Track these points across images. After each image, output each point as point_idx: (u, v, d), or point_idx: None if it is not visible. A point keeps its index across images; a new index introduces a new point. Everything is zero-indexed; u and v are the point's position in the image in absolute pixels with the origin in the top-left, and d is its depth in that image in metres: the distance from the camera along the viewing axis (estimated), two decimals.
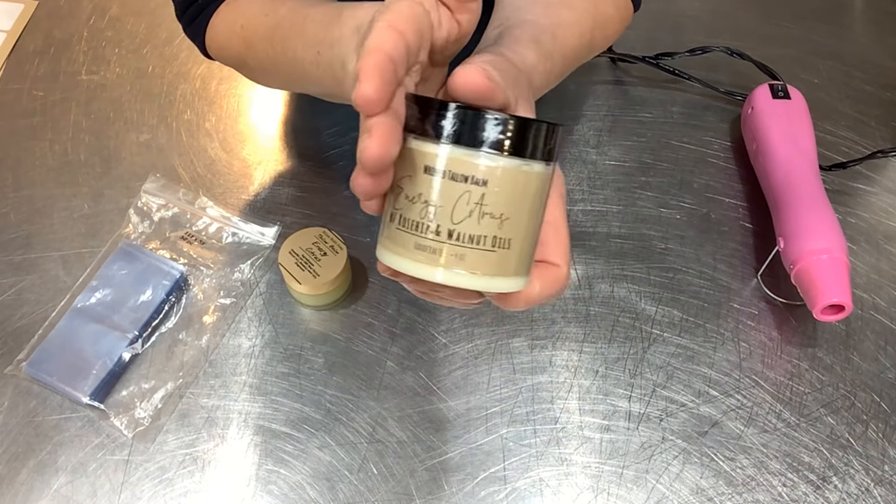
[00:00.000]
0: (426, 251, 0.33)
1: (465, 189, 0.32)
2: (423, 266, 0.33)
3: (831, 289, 0.57)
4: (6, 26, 0.80)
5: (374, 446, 0.57)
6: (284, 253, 0.60)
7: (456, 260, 0.33)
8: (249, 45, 0.55)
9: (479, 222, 0.33)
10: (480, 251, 0.33)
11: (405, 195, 0.33)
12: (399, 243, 0.34)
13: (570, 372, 0.60)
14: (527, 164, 0.33)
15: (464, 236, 0.33)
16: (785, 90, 0.69)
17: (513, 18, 0.48)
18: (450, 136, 0.32)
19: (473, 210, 0.32)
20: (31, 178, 0.69)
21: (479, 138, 0.32)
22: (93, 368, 0.57)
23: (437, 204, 0.32)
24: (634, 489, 0.56)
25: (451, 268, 0.33)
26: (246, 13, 0.55)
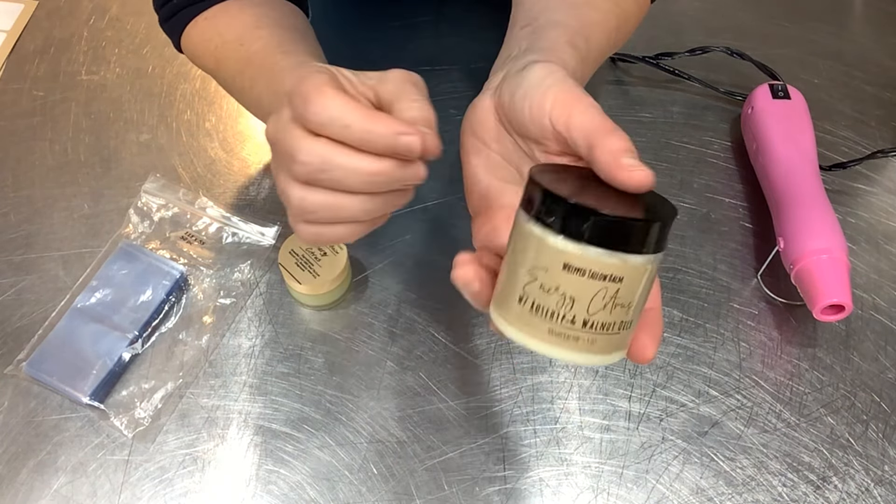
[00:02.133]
0: (561, 336, 0.35)
1: (603, 286, 0.34)
2: (555, 349, 0.36)
3: (831, 289, 0.57)
4: (6, 26, 0.80)
5: (374, 446, 0.57)
6: (284, 253, 0.60)
7: (588, 345, 0.35)
8: (220, 66, 0.56)
9: (611, 313, 0.35)
10: (610, 335, 0.35)
11: (540, 285, 0.35)
12: (531, 325, 0.35)
13: (570, 372, 0.60)
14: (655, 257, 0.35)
15: (597, 325, 0.35)
16: (785, 90, 0.69)
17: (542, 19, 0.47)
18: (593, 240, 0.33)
19: (608, 303, 0.34)
20: (31, 178, 0.69)
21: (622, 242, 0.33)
22: (93, 368, 0.57)
23: (575, 297, 0.34)
24: (634, 489, 0.56)
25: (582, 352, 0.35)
26: (222, 35, 0.55)
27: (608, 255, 0.33)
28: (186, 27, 0.57)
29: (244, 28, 0.54)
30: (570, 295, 0.34)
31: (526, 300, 0.35)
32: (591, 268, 0.34)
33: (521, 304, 0.35)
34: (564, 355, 0.36)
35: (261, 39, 0.52)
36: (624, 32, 0.55)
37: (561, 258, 0.34)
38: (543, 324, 0.35)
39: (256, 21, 0.54)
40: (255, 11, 0.55)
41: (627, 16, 0.55)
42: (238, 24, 0.54)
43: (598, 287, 0.34)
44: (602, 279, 0.34)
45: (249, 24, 0.54)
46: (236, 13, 0.55)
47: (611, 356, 0.36)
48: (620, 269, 0.34)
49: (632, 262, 0.34)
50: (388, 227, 0.67)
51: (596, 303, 0.34)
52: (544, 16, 0.48)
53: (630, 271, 0.34)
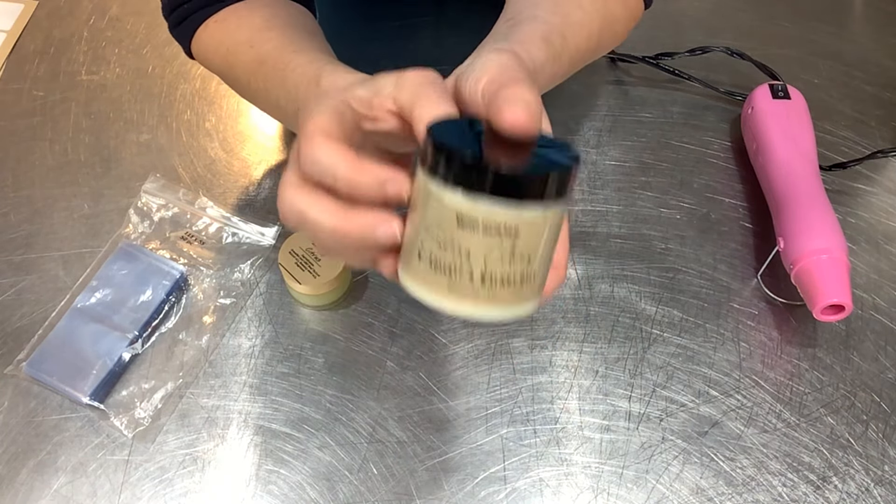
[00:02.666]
0: (457, 291, 0.34)
1: (499, 240, 0.33)
2: (457, 304, 0.35)
3: (831, 289, 0.57)
4: (6, 26, 0.80)
5: (374, 446, 0.57)
6: (284, 253, 0.60)
7: (487, 299, 0.34)
8: (232, 69, 0.56)
9: (510, 265, 0.33)
10: (511, 288, 0.34)
11: (437, 239, 0.34)
12: (432, 282, 0.35)
13: (570, 372, 0.60)
14: (555, 204, 0.33)
15: (496, 280, 0.34)
16: (785, 90, 0.69)
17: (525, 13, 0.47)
18: (485, 192, 0.32)
19: (504, 256, 0.33)
20: (31, 178, 0.69)
21: (515, 193, 0.32)
22: (93, 368, 0.57)
23: (471, 252, 0.33)
24: (634, 489, 0.56)
25: (482, 305, 0.34)
26: (233, 37, 0.55)
27: (502, 207, 0.32)
28: (196, 32, 0.57)
29: (254, 30, 0.54)
30: (466, 250, 0.33)
31: (424, 256, 0.34)
32: (484, 222, 0.32)
33: (419, 261, 0.34)
34: (467, 310, 0.34)
35: (271, 41, 0.52)
36: (609, 35, 0.55)
37: (454, 213, 0.33)
38: (443, 279, 0.34)
39: (266, 22, 0.54)
40: (264, 13, 0.55)
41: (614, 18, 0.55)
42: (248, 26, 0.54)
43: (493, 241, 0.33)
44: (497, 233, 0.32)
45: (259, 25, 0.54)
46: (245, 15, 0.55)
47: (519, 308, 0.35)
48: (515, 221, 0.32)
49: (528, 215, 0.32)
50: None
51: (493, 257, 0.33)
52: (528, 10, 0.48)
53: (527, 224, 0.33)
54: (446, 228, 0.33)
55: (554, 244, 0.35)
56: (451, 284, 0.34)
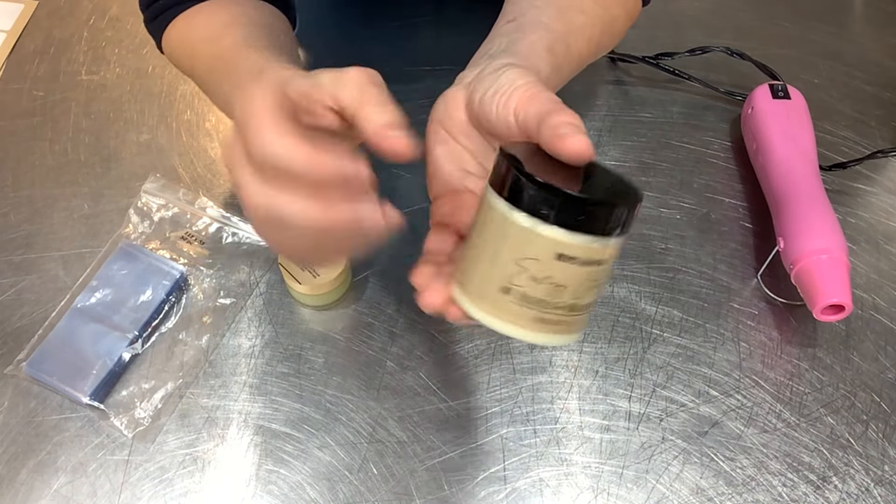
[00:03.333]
0: (547, 322, 0.35)
1: (592, 271, 0.34)
2: (540, 335, 0.36)
3: (831, 289, 0.57)
4: (6, 26, 0.80)
5: (374, 446, 0.57)
6: None
7: (566, 327, 0.36)
8: (195, 66, 0.56)
9: (593, 294, 0.36)
10: (584, 316, 0.36)
11: (529, 276, 0.34)
12: (516, 314, 0.36)
13: (570, 372, 0.60)
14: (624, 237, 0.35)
15: (580, 307, 0.36)
16: (785, 90, 0.69)
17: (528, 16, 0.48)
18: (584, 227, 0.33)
19: (591, 287, 0.35)
20: (31, 178, 0.69)
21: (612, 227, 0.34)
22: (93, 368, 0.57)
23: (567, 285, 0.34)
24: (634, 489, 0.56)
25: (563, 333, 0.36)
26: (197, 34, 0.55)
27: (599, 240, 0.34)
28: (167, 27, 0.57)
29: (217, 26, 0.54)
30: (562, 283, 0.34)
31: (513, 291, 0.35)
32: (581, 255, 0.34)
33: (506, 295, 0.35)
34: (548, 339, 0.36)
35: (230, 36, 0.52)
36: (609, 37, 0.55)
37: (553, 247, 0.34)
38: (530, 312, 0.35)
39: (230, 19, 0.54)
40: (231, 10, 0.55)
41: (614, 20, 0.55)
42: (212, 23, 0.54)
43: (587, 272, 0.34)
44: (591, 264, 0.34)
45: (223, 22, 0.54)
46: (213, 12, 0.55)
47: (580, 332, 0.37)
48: (605, 252, 0.34)
49: (613, 244, 0.34)
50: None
51: (584, 287, 0.35)
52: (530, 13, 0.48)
53: (611, 252, 0.35)
54: (544, 263, 0.34)
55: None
56: (540, 316, 0.35)
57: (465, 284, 0.37)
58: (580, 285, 0.35)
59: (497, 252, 0.35)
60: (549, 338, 0.36)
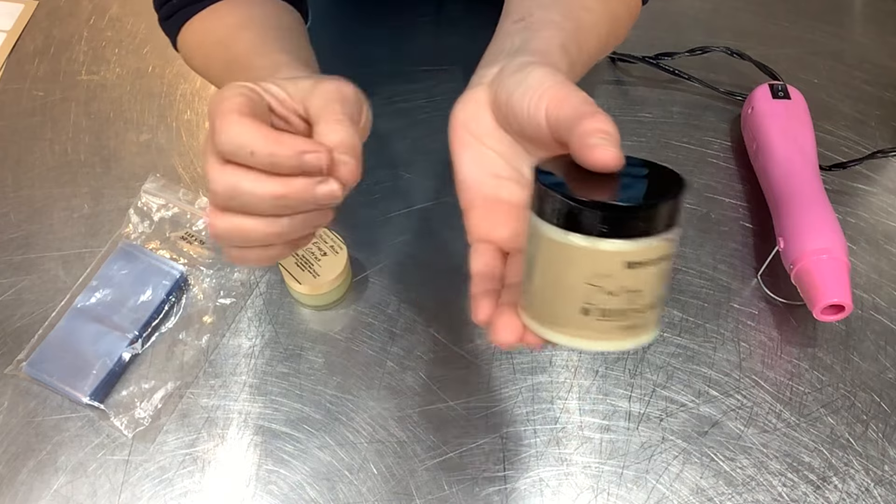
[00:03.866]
0: (634, 328, 0.35)
1: (660, 267, 0.35)
2: (628, 341, 0.36)
3: (831, 289, 0.57)
4: (6, 26, 0.80)
5: (374, 446, 0.57)
6: None
7: (650, 324, 0.36)
8: (209, 68, 0.56)
9: (664, 286, 0.36)
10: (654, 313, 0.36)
11: (606, 291, 0.34)
12: (601, 330, 0.35)
13: (570, 372, 0.60)
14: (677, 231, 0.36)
15: (657, 302, 0.36)
16: (785, 90, 0.69)
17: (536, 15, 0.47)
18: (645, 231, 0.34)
19: (662, 280, 0.35)
20: (31, 178, 0.69)
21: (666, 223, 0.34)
22: (93, 368, 0.57)
23: (643, 289, 0.35)
24: (634, 489, 0.56)
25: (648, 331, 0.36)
26: (210, 36, 0.55)
27: (660, 239, 0.34)
28: (182, 27, 0.57)
29: (229, 29, 0.54)
30: (638, 289, 0.35)
31: (592, 310, 0.35)
32: (650, 256, 0.34)
33: (586, 316, 0.35)
34: (636, 342, 0.36)
35: (243, 41, 0.52)
36: (614, 37, 0.55)
37: (622, 259, 0.34)
38: (613, 324, 0.35)
39: (242, 21, 0.54)
40: (243, 12, 0.55)
41: (617, 19, 0.54)
42: (224, 25, 0.55)
43: (657, 270, 0.35)
44: (658, 262, 0.34)
45: (235, 24, 0.54)
46: (225, 14, 0.55)
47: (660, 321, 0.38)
48: (668, 246, 0.35)
49: (673, 237, 0.34)
50: (388, 227, 0.67)
51: (658, 285, 0.35)
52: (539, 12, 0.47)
53: (673, 244, 0.35)
54: (616, 276, 0.34)
55: None
56: (625, 324, 0.35)
57: (538, 311, 0.37)
58: (653, 284, 0.35)
59: (563, 277, 0.35)
60: (637, 340, 0.36)
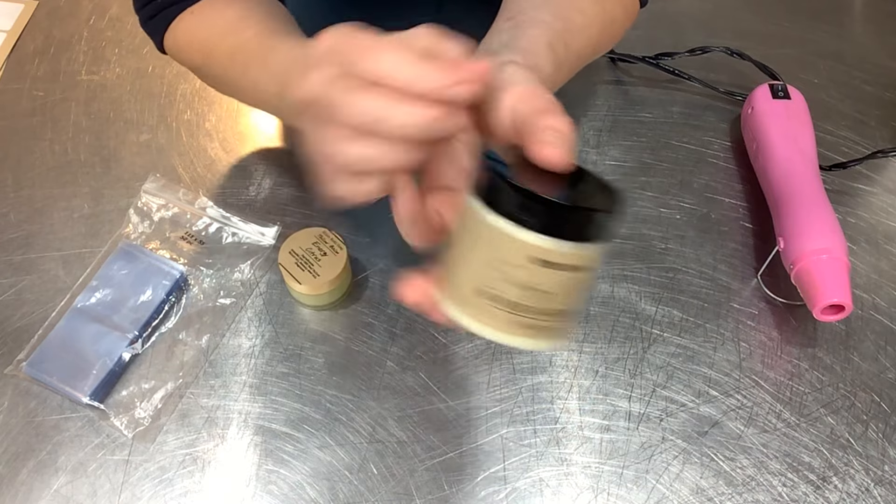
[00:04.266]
0: (535, 328, 0.35)
1: (575, 276, 0.34)
2: (527, 339, 0.36)
3: (831, 289, 0.57)
4: (6, 26, 0.80)
5: (374, 446, 0.57)
6: (284, 253, 0.60)
7: (554, 332, 0.36)
8: (210, 59, 0.57)
9: (575, 298, 0.35)
10: (568, 320, 0.36)
11: (516, 282, 0.34)
12: (495, 318, 0.35)
13: (570, 372, 0.60)
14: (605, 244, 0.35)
15: (569, 313, 0.35)
16: (785, 90, 0.69)
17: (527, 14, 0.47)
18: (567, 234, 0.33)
19: (573, 291, 0.35)
20: (31, 178, 0.69)
21: (593, 234, 0.34)
22: (93, 368, 0.57)
23: (553, 292, 0.34)
24: (634, 489, 0.56)
25: (546, 338, 0.36)
26: (210, 27, 0.56)
27: (577, 247, 0.33)
28: (170, 24, 0.58)
29: (231, 20, 0.55)
30: (541, 288, 0.34)
31: (486, 293, 0.35)
32: (564, 261, 0.33)
33: (479, 297, 0.35)
34: (533, 344, 0.36)
35: (251, 28, 0.53)
36: (608, 37, 0.55)
37: (530, 252, 0.33)
38: (508, 316, 0.35)
39: (243, 13, 0.55)
40: (241, 5, 0.56)
41: (613, 20, 0.55)
42: (225, 17, 0.55)
43: (570, 278, 0.34)
44: (574, 270, 0.34)
45: (237, 16, 0.55)
46: (222, 8, 0.56)
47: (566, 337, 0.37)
48: (590, 258, 0.34)
49: (599, 250, 0.34)
50: (388, 227, 0.67)
51: (566, 293, 0.34)
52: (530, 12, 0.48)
53: (597, 258, 0.34)
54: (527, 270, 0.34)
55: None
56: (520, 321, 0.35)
57: (445, 284, 0.37)
58: (567, 291, 0.34)
59: (472, 253, 0.35)
60: (535, 342, 0.36)
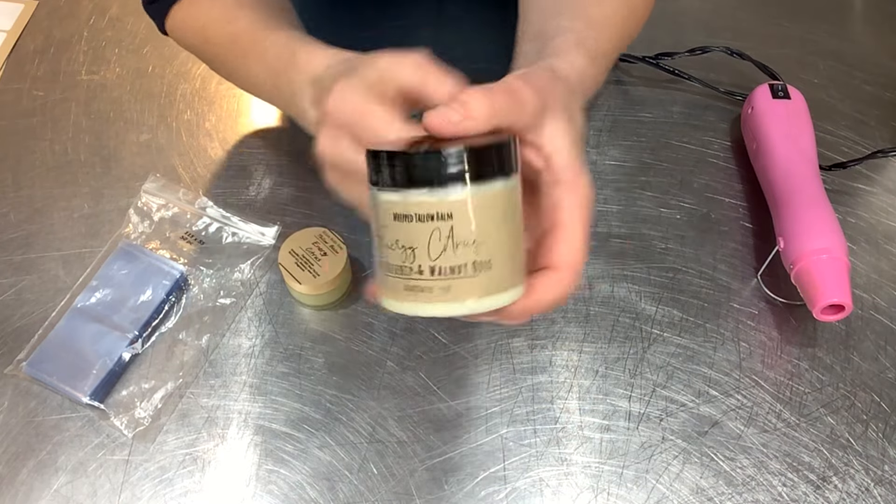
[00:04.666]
0: (416, 290, 0.35)
1: (434, 227, 0.34)
2: (417, 304, 0.35)
3: (831, 289, 0.57)
4: (6, 26, 0.80)
5: (374, 446, 0.57)
6: (284, 253, 0.60)
7: (443, 293, 0.35)
8: (209, 44, 0.57)
9: (455, 253, 0.34)
10: (463, 279, 0.34)
11: (386, 243, 0.35)
12: (391, 287, 0.35)
13: (570, 372, 0.60)
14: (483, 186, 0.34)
15: (445, 270, 0.34)
16: (785, 90, 0.69)
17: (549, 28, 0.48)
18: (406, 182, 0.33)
19: (447, 244, 0.34)
20: (31, 178, 0.69)
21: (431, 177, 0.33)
22: (93, 368, 0.57)
23: (413, 246, 0.34)
24: (634, 489, 0.56)
25: (442, 301, 0.35)
26: (208, 14, 0.56)
27: (425, 193, 0.33)
28: (172, 8, 0.58)
29: (227, 7, 0.55)
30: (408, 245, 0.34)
31: (382, 264, 0.35)
32: (415, 211, 0.33)
33: (381, 270, 0.36)
34: (428, 310, 0.35)
35: (245, 17, 0.54)
36: (634, 24, 0.56)
37: (390, 210, 0.34)
38: (400, 282, 0.35)
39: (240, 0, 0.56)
40: None
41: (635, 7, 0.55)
42: (221, 4, 0.56)
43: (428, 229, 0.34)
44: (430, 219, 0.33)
45: (234, 3, 0.55)
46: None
47: (483, 301, 0.35)
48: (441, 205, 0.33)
49: (452, 197, 0.33)
50: None
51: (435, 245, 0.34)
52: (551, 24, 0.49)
53: (455, 206, 0.33)
54: (389, 228, 0.34)
55: (507, 230, 0.35)
56: (407, 284, 0.35)
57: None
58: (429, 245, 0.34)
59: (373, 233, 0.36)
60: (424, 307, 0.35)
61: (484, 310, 0.36)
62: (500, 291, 0.35)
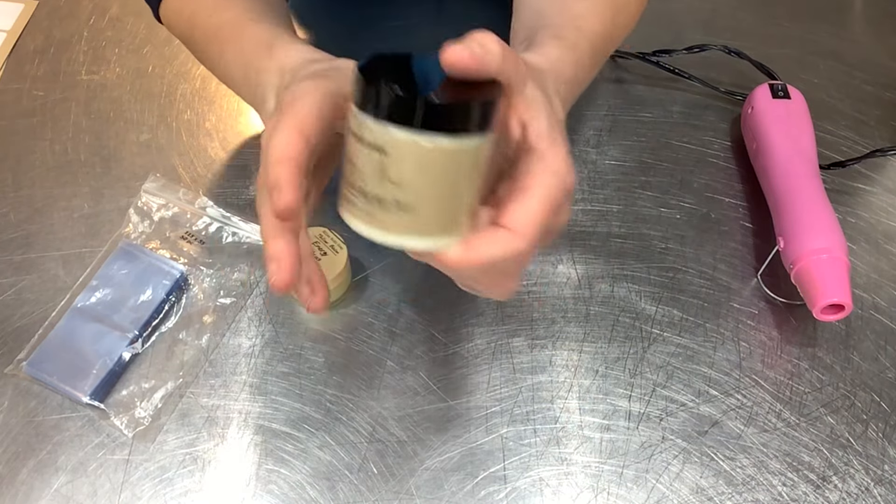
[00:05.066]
0: (351, 204, 0.37)
1: (371, 155, 0.35)
2: (351, 218, 0.37)
3: (831, 288, 0.57)
4: (6, 26, 0.80)
5: (374, 446, 0.57)
6: None
7: (369, 217, 0.36)
8: (194, 35, 0.57)
9: (381, 185, 0.35)
10: (387, 213, 0.36)
11: (345, 153, 0.37)
12: (342, 194, 0.37)
13: (570, 372, 0.60)
14: (425, 137, 0.34)
15: (372, 196, 0.35)
16: (785, 90, 0.69)
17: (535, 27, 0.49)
18: (361, 104, 0.34)
19: (377, 174, 0.35)
20: (31, 178, 0.69)
21: (380, 109, 0.33)
22: (93, 368, 0.57)
23: (357, 166, 0.35)
24: (634, 489, 0.56)
25: (366, 224, 0.36)
26: (197, 3, 0.56)
27: (373, 122, 0.34)
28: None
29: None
30: (354, 162, 0.35)
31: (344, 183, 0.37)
32: (362, 133, 0.34)
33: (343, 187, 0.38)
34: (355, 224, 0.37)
35: (232, 9, 0.53)
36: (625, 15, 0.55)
37: (349, 125, 0.35)
38: (344, 192, 0.37)
39: None
40: None
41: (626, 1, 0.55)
42: None
43: (368, 155, 0.34)
44: (370, 147, 0.34)
45: None
46: None
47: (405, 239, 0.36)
48: (383, 139, 0.34)
49: (396, 135, 0.33)
50: None
51: (369, 172, 0.35)
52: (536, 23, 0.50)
53: (396, 145, 0.34)
54: (348, 143, 0.36)
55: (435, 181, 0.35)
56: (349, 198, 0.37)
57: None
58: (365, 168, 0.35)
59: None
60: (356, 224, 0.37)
61: (406, 247, 0.37)
62: (424, 236, 0.36)
